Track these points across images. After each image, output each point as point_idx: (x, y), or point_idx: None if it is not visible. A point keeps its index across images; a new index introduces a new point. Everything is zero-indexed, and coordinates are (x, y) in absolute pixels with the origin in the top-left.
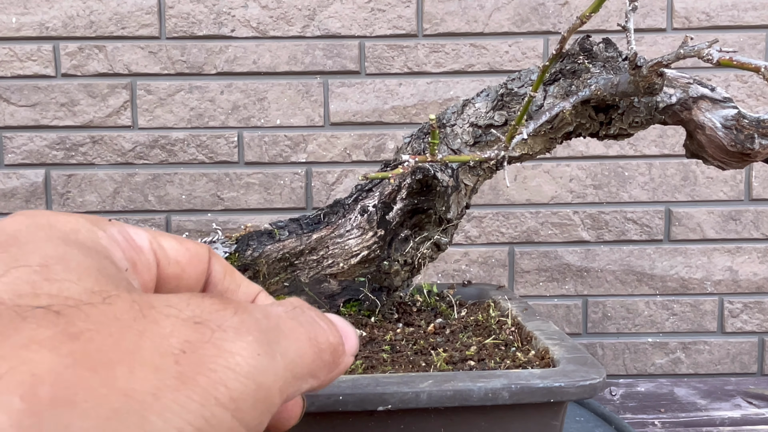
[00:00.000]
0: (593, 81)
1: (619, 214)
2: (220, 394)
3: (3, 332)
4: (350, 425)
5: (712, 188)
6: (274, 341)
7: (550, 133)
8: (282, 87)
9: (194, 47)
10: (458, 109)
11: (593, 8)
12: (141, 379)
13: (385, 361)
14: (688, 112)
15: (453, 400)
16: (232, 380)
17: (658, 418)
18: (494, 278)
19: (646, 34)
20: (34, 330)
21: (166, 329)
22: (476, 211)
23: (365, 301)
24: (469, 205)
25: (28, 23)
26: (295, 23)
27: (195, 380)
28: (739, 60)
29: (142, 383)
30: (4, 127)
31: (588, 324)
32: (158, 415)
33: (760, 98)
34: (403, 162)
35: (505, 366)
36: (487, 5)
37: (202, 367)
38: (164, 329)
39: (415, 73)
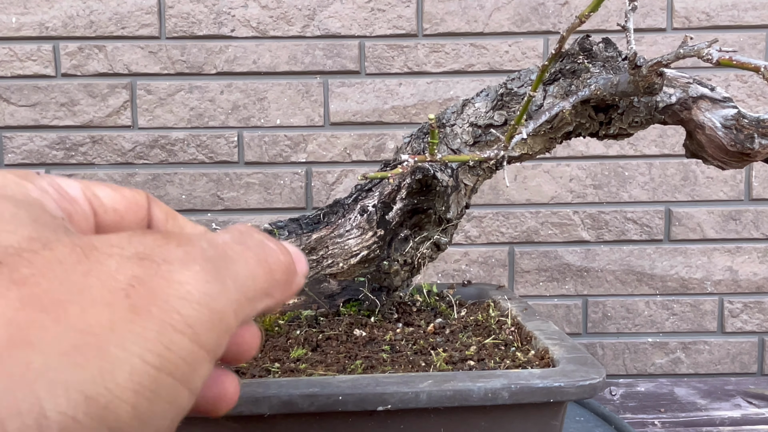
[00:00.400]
0: (593, 81)
1: (619, 214)
2: (175, 322)
3: None
4: (350, 425)
5: (712, 188)
6: (222, 267)
7: (549, 132)
8: (282, 87)
9: (194, 47)
10: (458, 109)
11: (592, 7)
12: (94, 315)
13: (385, 361)
14: (688, 112)
15: (453, 400)
16: (185, 308)
17: (658, 418)
18: (494, 278)
19: (646, 34)
20: None
21: (112, 267)
22: (476, 211)
23: (365, 301)
24: (468, 205)
25: (28, 23)
26: (295, 23)
27: (149, 311)
28: (738, 60)
29: (96, 318)
30: (4, 127)
31: (588, 324)
32: (117, 346)
33: (760, 98)
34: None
35: (505, 366)
36: (487, 5)
37: (154, 298)
38: (110, 267)
39: (415, 73)
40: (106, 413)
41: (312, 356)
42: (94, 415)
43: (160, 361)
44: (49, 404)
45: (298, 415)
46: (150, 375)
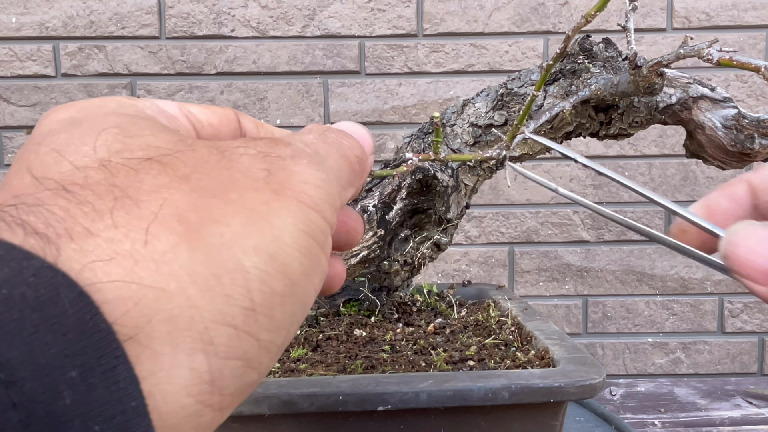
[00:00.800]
0: (593, 81)
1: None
2: (306, 199)
3: (130, 181)
4: (350, 425)
5: (712, 188)
6: (319, 161)
7: (550, 132)
8: (282, 87)
9: (194, 47)
10: (458, 109)
11: (598, 7)
12: (250, 197)
13: (385, 361)
14: (688, 112)
15: (453, 400)
16: (310, 190)
17: (658, 418)
18: (494, 278)
19: (646, 34)
20: (155, 177)
21: (246, 163)
22: (476, 211)
23: (365, 301)
24: (469, 205)
25: (28, 23)
26: (295, 23)
27: (285, 193)
28: (739, 60)
29: (252, 200)
30: (4, 127)
31: (588, 324)
32: (276, 217)
33: (760, 98)
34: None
35: (505, 366)
36: (487, 5)
37: (286, 184)
38: (244, 164)
39: (415, 73)
40: (284, 267)
41: (312, 356)
42: (278, 268)
43: (307, 227)
44: (247, 262)
45: (298, 415)
46: (304, 238)
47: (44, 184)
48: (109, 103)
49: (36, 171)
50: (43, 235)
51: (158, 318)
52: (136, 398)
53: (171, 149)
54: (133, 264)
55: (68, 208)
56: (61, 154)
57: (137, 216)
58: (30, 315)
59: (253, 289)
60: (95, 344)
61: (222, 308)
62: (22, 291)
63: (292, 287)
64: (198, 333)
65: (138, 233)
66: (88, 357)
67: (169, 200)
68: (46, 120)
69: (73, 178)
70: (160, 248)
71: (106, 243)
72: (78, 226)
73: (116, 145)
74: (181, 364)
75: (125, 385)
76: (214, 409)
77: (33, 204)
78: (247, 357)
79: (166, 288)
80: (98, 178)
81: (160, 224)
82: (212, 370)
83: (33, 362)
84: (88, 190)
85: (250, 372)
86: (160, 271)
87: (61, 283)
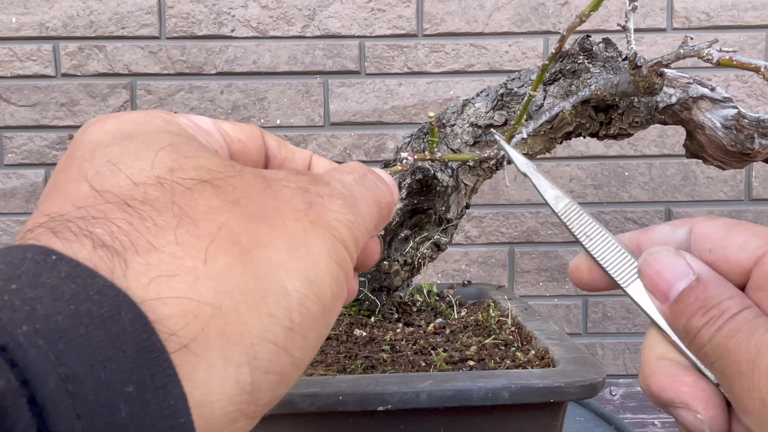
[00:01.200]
0: (593, 81)
1: (619, 213)
2: (338, 235)
3: (187, 201)
4: (350, 425)
5: (712, 188)
6: (353, 204)
7: (550, 133)
8: (282, 87)
9: (194, 47)
10: (458, 109)
11: (592, 7)
12: (292, 225)
13: (385, 361)
14: (688, 112)
15: (453, 400)
16: (340, 228)
17: (658, 418)
18: (494, 278)
19: (646, 34)
20: (208, 199)
21: (288, 195)
22: (476, 211)
23: (365, 301)
24: (469, 205)
25: (28, 23)
26: (295, 23)
27: (321, 225)
28: (739, 60)
29: (294, 227)
30: (4, 127)
31: (588, 324)
32: (313, 246)
33: (760, 98)
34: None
35: (505, 366)
36: (487, 5)
37: (321, 219)
38: (286, 195)
39: (415, 73)
40: (320, 291)
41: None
42: (315, 292)
43: (338, 258)
44: (290, 285)
45: (298, 415)
46: (335, 267)
47: (104, 197)
48: (155, 120)
49: (95, 182)
50: (111, 248)
51: (214, 333)
52: (184, 415)
53: (222, 173)
54: (194, 280)
55: (131, 222)
56: (118, 167)
57: (196, 235)
58: (95, 331)
59: (294, 310)
60: (151, 362)
61: (267, 326)
62: (88, 308)
63: (324, 310)
64: (245, 348)
65: (198, 252)
66: (144, 374)
67: (225, 224)
68: (92, 129)
69: (133, 193)
70: (218, 267)
71: (170, 259)
72: (142, 240)
73: (171, 164)
74: (230, 376)
75: (175, 402)
76: (248, 417)
77: (97, 216)
78: (282, 372)
79: (221, 305)
80: (156, 194)
81: (218, 245)
82: (254, 382)
83: (96, 376)
84: (149, 206)
85: (282, 386)
86: (217, 289)
87: (123, 302)
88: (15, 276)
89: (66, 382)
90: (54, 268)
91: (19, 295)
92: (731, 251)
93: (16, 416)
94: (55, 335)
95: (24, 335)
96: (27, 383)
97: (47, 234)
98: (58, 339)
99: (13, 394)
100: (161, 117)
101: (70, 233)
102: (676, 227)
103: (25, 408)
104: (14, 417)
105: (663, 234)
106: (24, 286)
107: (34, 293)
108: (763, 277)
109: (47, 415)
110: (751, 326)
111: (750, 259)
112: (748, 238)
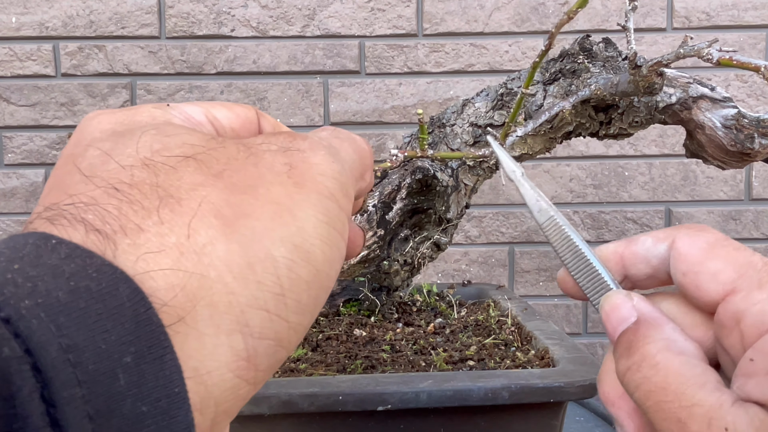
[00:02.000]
0: (593, 81)
1: (619, 213)
2: (325, 191)
3: (171, 180)
4: (350, 425)
5: (712, 188)
6: (335, 153)
7: (549, 132)
8: (282, 87)
9: (194, 47)
10: (458, 109)
11: (580, 3)
12: (276, 192)
13: (385, 361)
14: (688, 112)
15: (453, 400)
16: (327, 181)
17: None
18: (494, 278)
19: (646, 34)
20: (191, 175)
21: (269, 158)
22: (476, 211)
23: (365, 301)
24: (468, 204)
25: (28, 23)
26: (295, 23)
27: (306, 185)
28: (739, 59)
29: (278, 194)
30: (4, 127)
31: (588, 324)
32: (299, 210)
33: (760, 98)
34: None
35: (505, 366)
36: (487, 5)
37: (305, 176)
38: (268, 159)
39: (415, 73)
40: (308, 255)
41: (312, 356)
42: (303, 257)
43: (327, 218)
44: (276, 252)
45: (298, 415)
46: (325, 228)
47: (94, 182)
48: (142, 115)
49: (86, 171)
50: (102, 232)
51: (201, 303)
52: (178, 385)
53: (204, 146)
54: (179, 255)
55: (120, 207)
56: (109, 155)
57: (179, 213)
58: (94, 305)
59: (282, 276)
60: (147, 335)
61: (255, 294)
62: (87, 284)
63: (316, 273)
64: (235, 316)
65: (181, 228)
66: (141, 345)
67: (206, 198)
68: (89, 127)
69: (121, 176)
70: (200, 241)
71: (155, 237)
72: (130, 223)
73: (156, 145)
74: (222, 343)
75: (170, 373)
76: (249, 383)
77: (89, 203)
78: (278, 337)
79: (207, 276)
80: (143, 176)
81: (200, 220)
82: (248, 348)
83: (96, 346)
84: (136, 189)
85: (280, 350)
86: (201, 262)
87: (120, 278)
88: (17, 258)
89: (67, 352)
90: (54, 250)
91: (21, 273)
92: (703, 280)
93: (20, 382)
94: (56, 309)
95: (26, 308)
96: (30, 352)
97: (45, 223)
98: (59, 312)
99: (17, 361)
100: (148, 113)
101: (65, 220)
102: (659, 241)
103: (29, 374)
104: (19, 382)
105: (645, 248)
106: (26, 266)
107: (36, 272)
108: (726, 315)
109: (50, 382)
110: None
111: (719, 293)
112: (722, 268)
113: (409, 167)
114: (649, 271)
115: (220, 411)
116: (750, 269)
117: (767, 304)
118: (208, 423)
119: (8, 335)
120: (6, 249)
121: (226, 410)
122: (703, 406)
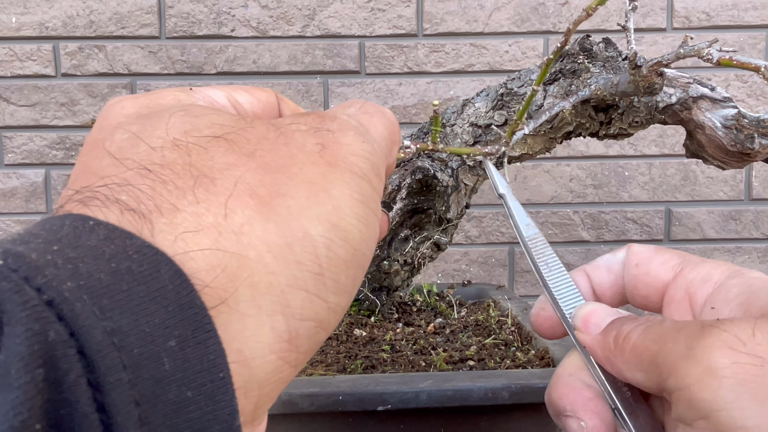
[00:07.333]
0: (593, 81)
1: (619, 213)
2: (358, 170)
3: (203, 160)
4: (350, 425)
5: (712, 188)
6: (364, 132)
7: (549, 132)
8: (282, 87)
9: (194, 47)
10: (458, 109)
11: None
12: (310, 171)
13: (385, 361)
14: (688, 112)
15: (453, 400)
16: (360, 161)
17: None
18: (494, 278)
19: (646, 34)
20: (223, 155)
21: (300, 139)
22: (476, 211)
23: (365, 301)
24: (468, 204)
25: (28, 23)
26: (295, 23)
27: (338, 165)
28: (739, 59)
29: (312, 173)
30: (4, 127)
31: None
32: (333, 188)
33: (760, 98)
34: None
35: (505, 366)
36: (487, 5)
37: (337, 156)
38: (299, 139)
39: (415, 73)
40: (346, 234)
41: (312, 356)
42: (340, 235)
43: (361, 196)
44: (314, 231)
45: (298, 415)
46: (360, 206)
47: (125, 164)
48: (166, 98)
49: (116, 154)
50: (137, 211)
51: (243, 283)
52: (223, 369)
53: (234, 126)
54: (217, 235)
55: (154, 187)
56: (138, 137)
57: (215, 192)
58: (136, 288)
59: (321, 255)
60: (191, 318)
61: (295, 273)
62: (128, 265)
63: (354, 253)
64: (276, 296)
65: (218, 208)
66: (185, 329)
67: (241, 177)
68: (113, 112)
69: (152, 158)
70: (238, 221)
71: (192, 217)
72: (165, 202)
73: (185, 126)
74: (264, 324)
75: (215, 357)
76: (291, 365)
77: (122, 184)
78: (318, 318)
79: (247, 256)
80: (174, 157)
81: (236, 199)
82: (290, 329)
83: (140, 330)
84: (168, 169)
85: (320, 331)
86: (240, 241)
87: (161, 260)
88: (56, 239)
89: (111, 335)
90: (93, 232)
91: (61, 255)
92: (653, 266)
93: (67, 366)
94: (98, 291)
95: (69, 291)
96: (74, 336)
97: (78, 205)
98: (101, 294)
99: (62, 345)
100: (172, 95)
101: (98, 201)
102: (616, 252)
103: (75, 358)
104: (65, 367)
105: (605, 259)
106: (65, 248)
107: (75, 253)
108: (677, 290)
109: (96, 366)
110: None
111: (668, 274)
112: (670, 258)
113: (409, 167)
114: (611, 278)
115: (263, 394)
116: (691, 258)
117: (711, 269)
118: (251, 407)
119: (53, 318)
120: (42, 231)
121: (268, 393)
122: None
